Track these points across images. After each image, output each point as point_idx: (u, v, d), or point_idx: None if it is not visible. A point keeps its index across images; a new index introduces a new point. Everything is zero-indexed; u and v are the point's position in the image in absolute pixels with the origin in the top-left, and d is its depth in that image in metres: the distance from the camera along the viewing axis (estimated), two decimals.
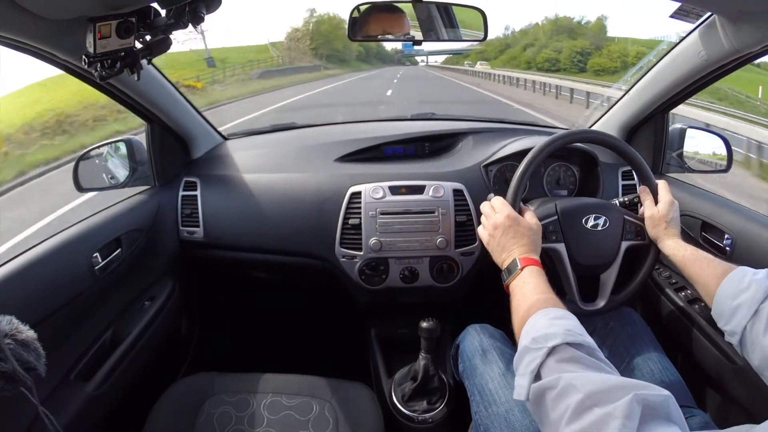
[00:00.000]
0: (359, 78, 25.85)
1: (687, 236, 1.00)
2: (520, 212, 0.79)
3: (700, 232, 0.98)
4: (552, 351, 0.51)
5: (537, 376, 0.51)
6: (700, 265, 0.71)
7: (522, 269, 0.69)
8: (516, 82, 17.59)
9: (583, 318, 0.59)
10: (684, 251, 0.75)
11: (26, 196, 5.27)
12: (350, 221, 1.03)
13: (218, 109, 11.06)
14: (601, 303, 0.85)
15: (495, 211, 0.78)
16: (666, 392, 0.42)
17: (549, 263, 0.83)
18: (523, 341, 0.56)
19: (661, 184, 0.84)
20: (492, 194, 0.84)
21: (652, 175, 0.85)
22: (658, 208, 0.81)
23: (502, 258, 0.74)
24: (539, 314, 0.58)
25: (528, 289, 0.65)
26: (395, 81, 20.75)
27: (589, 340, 0.53)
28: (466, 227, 1.03)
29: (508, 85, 18.01)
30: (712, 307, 0.67)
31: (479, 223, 0.83)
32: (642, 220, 0.84)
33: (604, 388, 0.43)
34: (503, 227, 0.75)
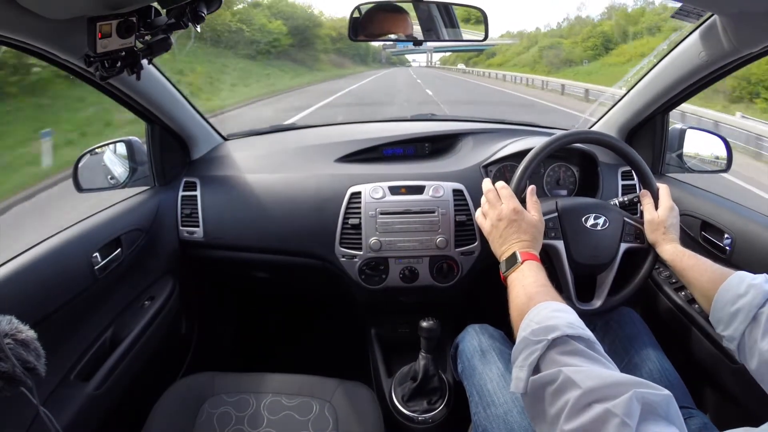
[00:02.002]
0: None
1: (687, 236, 1.01)
2: (524, 203, 0.79)
3: (700, 231, 0.99)
4: (552, 343, 0.51)
5: (536, 369, 0.51)
6: (698, 271, 0.71)
7: (522, 262, 0.68)
8: None
9: (581, 318, 0.58)
10: (682, 257, 0.75)
11: None
12: (350, 221, 1.03)
13: None
14: (597, 303, 0.85)
15: (501, 201, 0.78)
16: (666, 392, 0.42)
17: (547, 260, 0.83)
18: (522, 333, 0.55)
19: (663, 189, 0.84)
20: (501, 181, 0.82)
21: (653, 178, 0.85)
22: (658, 213, 0.81)
23: (501, 250, 0.74)
24: (539, 306, 0.58)
25: (528, 281, 0.65)
26: None
27: (589, 333, 0.52)
28: (465, 227, 1.03)
29: None
30: (710, 313, 0.67)
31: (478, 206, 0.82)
32: (641, 222, 0.84)
33: (604, 384, 0.43)
34: (508, 220, 0.75)
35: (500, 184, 0.81)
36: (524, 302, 0.61)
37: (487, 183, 0.83)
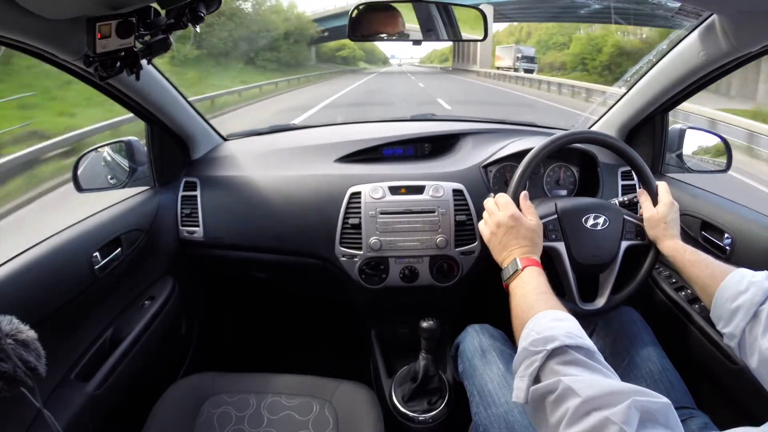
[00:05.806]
0: None
1: (687, 236, 1.01)
2: (520, 207, 0.79)
3: (700, 231, 0.99)
4: (551, 353, 0.51)
5: (536, 379, 0.51)
6: (699, 267, 0.71)
7: (523, 269, 0.68)
8: None
9: (583, 318, 0.58)
10: (683, 253, 0.75)
11: None
12: (350, 221, 1.03)
13: None
14: (600, 303, 0.85)
15: (499, 208, 0.78)
16: (665, 399, 0.42)
17: (548, 262, 0.83)
18: (522, 343, 0.56)
19: (661, 186, 0.84)
20: (501, 193, 0.83)
21: (652, 176, 0.85)
22: (658, 210, 0.81)
23: (502, 257, 0.74)
24: (539, 316, 0.58)
25: (528, 289, 0.65)
26: None
27: (588, 342, 0.53)
28: (465, 227, 1.03)
29: None
30: (710, 310, 0.67)
31: (480, 219, 0.83)
32: (642, 220, 0.84)
33: (603, 392, 0.43)
34: (506, 226, 0.75)
35: (499, 194, 0.82)
36: (525, 311, 0.61)
37: (488, 198, 0.84)
